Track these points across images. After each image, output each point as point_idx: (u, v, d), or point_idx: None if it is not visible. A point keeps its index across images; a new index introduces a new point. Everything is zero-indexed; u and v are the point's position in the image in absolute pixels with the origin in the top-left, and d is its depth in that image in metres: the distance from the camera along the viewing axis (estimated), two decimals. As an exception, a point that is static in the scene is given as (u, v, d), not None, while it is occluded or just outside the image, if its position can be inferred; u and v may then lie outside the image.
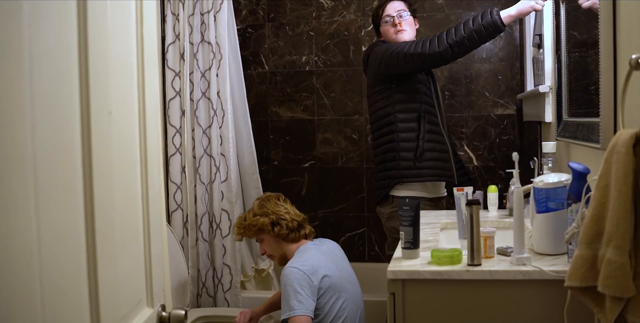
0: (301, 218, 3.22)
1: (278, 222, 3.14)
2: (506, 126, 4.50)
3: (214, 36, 3.98)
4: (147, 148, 1.50)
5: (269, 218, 3.14)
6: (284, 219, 3.14)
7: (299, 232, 3.16)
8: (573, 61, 2.63)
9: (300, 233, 3.17)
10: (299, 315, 2.80)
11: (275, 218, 3.14)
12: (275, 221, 3.14)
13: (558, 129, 2.79)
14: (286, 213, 3.18)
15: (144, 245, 1.49)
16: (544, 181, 2.08)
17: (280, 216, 3.15)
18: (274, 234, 3.15)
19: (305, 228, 3.21)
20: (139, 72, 1.47)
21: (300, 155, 4.79)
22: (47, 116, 0.97)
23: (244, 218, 3.24)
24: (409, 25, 3.47)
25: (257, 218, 3.16)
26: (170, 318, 1.56)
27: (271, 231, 3.15)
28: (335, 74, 4.66)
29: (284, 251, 3.19)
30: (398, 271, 2.02)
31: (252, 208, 3.25)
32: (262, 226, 3.15)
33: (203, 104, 4.01)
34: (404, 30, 3.44)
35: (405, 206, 2.19)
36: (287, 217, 3.15)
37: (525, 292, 1.96)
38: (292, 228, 3.15)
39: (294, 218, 3.17)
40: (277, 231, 3.14)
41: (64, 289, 1.04)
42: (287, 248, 3.17)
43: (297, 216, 3.20)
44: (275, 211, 3.16)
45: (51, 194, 0.98)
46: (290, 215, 3.18)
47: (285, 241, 3.16)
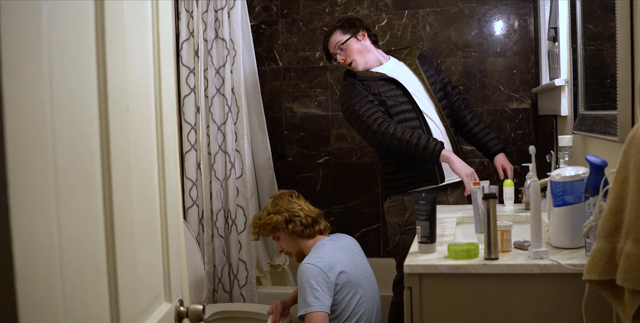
0: (315, 213, 3.21)
1: (292, 219, 3.14)
2: (521, 120, 4.48)
3: (228, 33, 3.99)
4: (164, 144, 1.51)
5: (282, 215, 3.14)
6: (298, 215, 3.14)
7: (313, 228, 3.16)
8: (589, 54, 2.61)
9: (315, 229, 3.17)
10: (315, 312, 2.80)
11: (289, 216, 3.14)
12: (288, 219, 3.14)
13: (574, 122, 2.78)
14: (300, 209, 3.18)
15: (162, 240, 1.50)
16: (561, 175, 2.08)
17: (294, 213, 3.15)
18: (288, 231, 3.15)
19: (320, 223, 3.21)
20: (155, 69, 1.48)
21: (315, 151, 4.79)
22: (66, 112, 0.98)
23: (258, 217, 3.25)
24: (354, 53, 3.46)
25: (271, 217, 3.16)
26: (188, 313, 1.57)
27: (285, 229, 3.15)
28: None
29: (301, 248, 3.19)
30: (415, 265, 2.02)
31: (266, 206, 3.26)
32: (276, 224, 3.15)
33: (218, 100, 4.02)
34: (352, 63, 3.47)
35: (421, 201, 2.19)
36: (301, 214, 3.15)
37: (542, 285, 1.96)
38: (306, 224, 3.15)
39: (307, 214, 3.17)
40: (291, 228, 3.14)
41: (84, 284, 1.04)
42: (303, 244, 3.18)
43: (311, 212, 3.20)
44: (289, 208, 3.17)
45: (71, 190, 0.99)
46: (304, 211, 3.18)
47: (301, 237, 3.17)
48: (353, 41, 3.46)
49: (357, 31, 3.47)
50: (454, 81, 4.50)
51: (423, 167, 3.31)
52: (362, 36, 3.48)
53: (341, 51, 3.47)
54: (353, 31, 3.47)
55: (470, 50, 4.52)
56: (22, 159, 0.82)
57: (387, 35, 4.62)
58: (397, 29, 4.60)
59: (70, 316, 0.97)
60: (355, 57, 3.45)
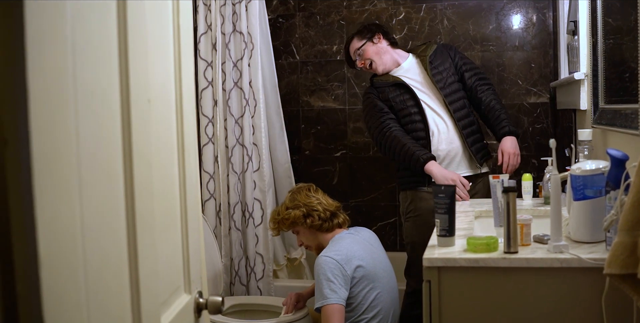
0: (334, 207, 3.22)
1: (310, 213, 3.14)
2: (539, 114, 4.46)
3: (246, 26, 3.99)
4: (184, 137, 1.51)
5: (300, 210, 3.15)
6: (316, 210, 3.15)
7: (332, 221, 3.17)
8: (609, 48, 2.60)
9: (334, 223, 3.17)
10: (332, 304, 2.81)
11: (307, 210, 3.15)
12: (307, 213, 3.15)
13: (594, 116, 2.77)
14: (318, 203, 3.18)
15: (182, 232, 1.50)
16: (581, 169, 2.06)
17: (312, 207, 3.16)
18: (307, 225, 3.16)
19: (338, 216, 3.22)
20: (176, 62, 1.48)
21: (332, 145, 4.79)
22: (89, 103, 0.98)
23: (277, 212, 3.26)
24: (373, 56, 3.57)
25: (289, 211, 3.17)
26: (207, 304, 1.58)
27: (304, 223, 3.16)
28: (367, 63, 4.63)
29: (320, 242, 3.20)
30: (434, 258, 2.02)
31: (284, 201, 3.28)
32: (294, 219, 3.16)
33: (235, 94, 4.02)
34: (372, 65, 3.59)
35: (440, 194, 2.18)
36: (319, 208, 3.16)
37: (562, 280, 1.95)
38: (324, 219, 3.16)
39: (326, 208, 3.18)
40: (310, 223, 3.15)
41: (107, 275, 1.05)
42: (322, 238, 3.18)
43: (330, 206, 3.20)
44: (307, 202, 3.17)
45: (94, 181, 0.99)
46: (322, 205, 3.18)
47: (320, 231, 3.17)
48: (369, 45, 3.57)
49: (373, 35, 3.58)
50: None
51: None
52: (378, 39, 3.59)
53: (359, 56, 3.59)
54: (369, 36, 3.58)
55: (488, 44, 4.50)
56: (47, 149, 0.83)
57: (405, 29, 4.60)
58: (414, 23, 4.59)
59: (93, 306, 0.97)
60: (373, 59, 3.56)
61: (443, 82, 3.47)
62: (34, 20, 0.79)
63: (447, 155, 3.42)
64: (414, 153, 3.32)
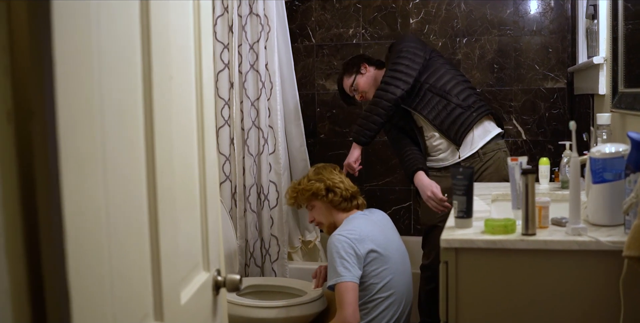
0: (355, 189, 3.25)
1: (333, 189, 3.16)
2: (556, 99, 4.43)
3: (262, 8, 3.98)
4: (204, 114, 1.52)
5: (324, 183, 3.17)
6: (339, 187, 3.17)
7: (351, 202, 3.19)
8: (629, 32, 2.58)
9: (353, 204, 3.20)
10: (345, 282, 2.82)
11: (331, 185, 3.17)
12: (330, 188, 3.17)
13: (613, 100, 2.75)
14: (340, 182, 3.21)
15: (201, 209, 1.51)
16: (600, 151, 2.05)
17: (335, 184, 3.19)
18: (327, 200, 3.17)
19: (358, 199, 3.25)
20: (196, 41, 1.49)
21: (347, 128, 4.78)
22: (113, 78, 0.99)
23: (298, 183, 3.28)
24: (364, 87, 3.65)
25: (312, 183, 3.19)
26: (225, 282, 1.59)
27: (325, 197, 3.17)
28: (383, 47, 4.61)
29: (334, 220, 3.20)
30: (451, 239, 2.02)
31: (307, 174, 3.30)
32: (316, 190, 3.17)
33: (251, 76, 4.02)
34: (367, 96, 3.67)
35: (459, 176, 2.18)
36: (342, 186, 3.19)
37: (580, 262, 1.95)
38: (345, 197, 3.19)
39: (347, 188, 3.20)
40: (330, 198, 3.16)
41: (129, 250, 1.06)
42: (337, 216, 3.19)
43: (351, 187, 3.24)
44: (331, 178, 3.21)
45: (117, 155, 1.00)
46: (344, 184, 3.21)
47: (337, 209, 3.18)
48: (359, 78, 3.65)
49: (359, 67, 3.66)
50: (488, 59, 4.47)
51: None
52: (365, 69, 3.66)
53: (355, 91, 3.68)
54: (355, 69, 3.67)
55: (505, 28, 4.47)
56: (72, 123, 0.83)
57: (422, 13, 4.58)
58: (431, 7, 4.56)
59: (116, 280, 0.98)
60: (366, 90, 3.66)
61: None
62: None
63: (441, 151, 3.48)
64: (406, 163, 3.48)
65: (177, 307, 1.27)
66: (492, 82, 4.50)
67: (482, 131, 3.44)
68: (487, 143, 3.42)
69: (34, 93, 0.76)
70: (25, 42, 0.75)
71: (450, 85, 3.42)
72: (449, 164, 3.43)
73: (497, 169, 3.40)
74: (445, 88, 3.41)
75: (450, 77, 3.45)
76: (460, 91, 3.42)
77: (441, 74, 3.44)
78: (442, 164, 3.46)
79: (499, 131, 3.49)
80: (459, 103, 3.39)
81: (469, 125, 3.38)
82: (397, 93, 3.34)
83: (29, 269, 0.77)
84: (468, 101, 3.41)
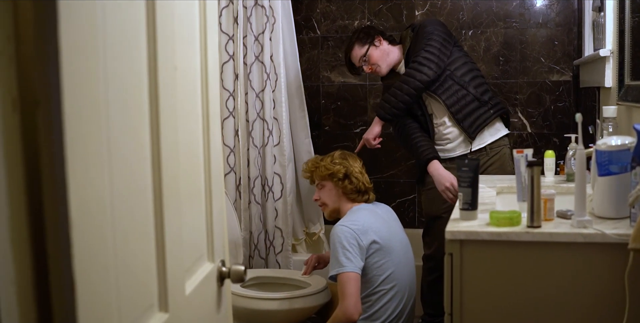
0: (370, 185, 3.25)
1: (350, 177, 3.16)
2: (561, 92, 4.42)
3: (268, 0, 3.97)
4: (209, 105, 1.51)
5: (346, 169, 3.17)
6: (357, 178, 3.18)
7: (362, 195, 3.20)
8: (636, 25, 2.57)
9: (362, 197, 3.20)
10: (348, 272, 2.82)
11: (351, 172, 3.18)
12: (349, 174, 3.16)
13: (619, 93, 2.74)
14: (360, 173, 3.21)
15: (206, 200, 1.51)
16: (607, 144, 2.05)
17: (355, 173, 3.18)
18: (341, 185, 3.17)
19: (369, 194, 3.25)
20: (202, 31, 1.48)
21: (352, 120, 4.78)
22: (117, 67, 0.99)
23: (320, 159, 3.29)
24: (376, 60, 3.55)
25: (335, 164, 3.19)
26: (230, 273, 1.59)
27: (340, 181, 3.17)
28: (388, 38, 4.60)
29: (339, 206, 3.21)
30: (456, 231, 2.01)
31: (332, 154, 3.29)
32: (335, 172, 3.17)
33: (256, 67, 4.01)
34: (377, 69, 3.57)
35: (464, 167, 2.17)
36: (360, 177, 3.19)
37: (585, 255, 1.94)
38: (359, 189, 3.19)
39: (364, 182, 3.21)
40: (345, 184, 3.16)
41: (134, 239, 1.06)
42: (343, 204, 3.19)
43: (368, 183, 3.23)
44: (354, 166, 3.21)
45: (122, 145, 1.00)
46: (363, 177, 3.21)
47: (346, 197, 3.18)
48: (373, 50, 3.55)
49: (373, 39, 3.56)
50: (494, 51, 4.45)
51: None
52: (379, 42, 3.57)
53: (365, 62, 3.57)
54: (370, 40, 3.56)
55: (511, 21, 4.46)
56: (77, 112, 0.83)
57: (427, 5, 4.57)
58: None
59: (121, 270, 0.98)
60: (379, 63, 3.56)
61: None
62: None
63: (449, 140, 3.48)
64: (419, 150, 3.43)
65: (182, 297, 1.27)
66: (498, 74, 4.49)
67: (493, 129, 3.47)
68: (495, 140, 3.45)
69: (40, 82, 0.76)
70: (30, 31, 0.74)
71: (469, 77, 3.42)
72: (455, 155, 3.43)
73: (502, 165, 3.43)
74: (465, 79, 3.41)
75: (468, 68, 3.45)
76: (479, 84, 3.44)
77: (461, 64, 3.44)
78: (448, 155, 3.45)
79: (507, 132, 3.53)
80: (477, 96, 3.40)
81: (485, 121, 3.40)
82: (430, 75, 3.31)
83: (34, 259, 0.77)
84: (485, 96, 3.42)
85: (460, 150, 3.44)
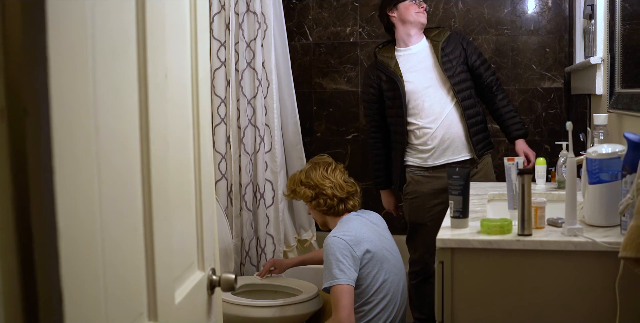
0: (345, 192, 3.14)
1: (318, 196, 3.11)
2: (553, 99, 4.43)
3: (259, 6, 3.97)
4: (200, 112, 1.51)
5: (310, 191, 3.12)
6: (325, 194, 3.09)
7: (338, 207, 3.12)
8: (626, 33, 2.58)
9: (340, 208, 3.12)
10: (341, 284, 2.80)
11: (317, 192, 3.11)
12: (315, 195, 3.11)
13: (610, 101, 2.75)
14: (330, 187, 3.11)
15: (196, 208, 1.50)
16: (597, 152, 2.05)
17: (322, 190, 3.10)
18: (315, 205, 3.14)
19: (348, 202, 3.15)
20: (192, 39, 1.48)
21: (344, 127, 4.78)
22: (107, 75, 0.98)
23: (293, 181, 3.24)
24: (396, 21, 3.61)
25: (302, 188, 3.16)
26: (220, 282, 1.58)
27: (312, 202, 3.15)
28: (380, 45, 4.61)
29: (327, 220, 3.20)
30: (447, 239, 2.01)
31: (302, 170, 3.25)
32: (303, 196, 3.16)
33: (248, 74, 4.01)
34: (424, 13, 3.60)
35: (455, 175, 2.17)
36: (329, 192, 3.09)
37: (576, 263, 1.95)
38: (330, 205, 3.11)
39: (335, 193, 3.10)
40: (314, 205, 3.13)
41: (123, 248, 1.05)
42: (329, 218, 3.17)
43: (341, 191, 3.13)
44: (320, 184, 3.11)
45: (111, 153, 1.00)
46: (333, 189, 3.10)
47: (326, 214, 3.16)
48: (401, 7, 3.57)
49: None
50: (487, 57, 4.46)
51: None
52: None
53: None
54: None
55: (502, 28, 4.47)
56: (66, 120, 0.83)
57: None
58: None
59: (110, 279, 0.98)
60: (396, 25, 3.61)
61: (452, 71, 3.50)
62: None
63: (445, 140, 3.50)
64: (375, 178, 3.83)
65: (171, 306, 1.26)
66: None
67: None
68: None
69: (28, 91, 0.75)
70: (19, 40, 0.74)
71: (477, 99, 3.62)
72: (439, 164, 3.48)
73: (485, 174, 3.56)
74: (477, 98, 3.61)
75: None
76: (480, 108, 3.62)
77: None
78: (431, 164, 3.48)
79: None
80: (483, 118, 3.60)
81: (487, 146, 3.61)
82: None
83: (21, 268, 0.76)
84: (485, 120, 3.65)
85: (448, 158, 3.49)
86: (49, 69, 0.77)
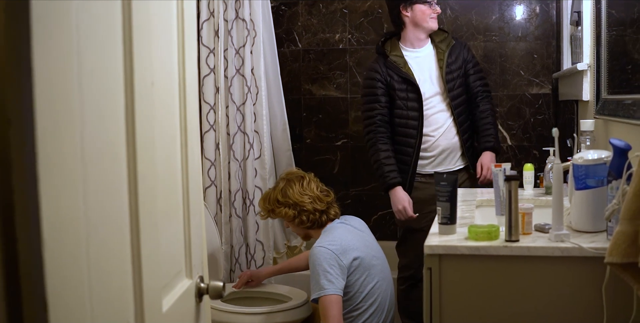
0: (325, 204, 3.14)
1: (300, 214, 3.10)
2: (541, 105, 4.45)
3: (249, 13, 3.98)
4: (187, 120, 1.51)
5: (291, 210, 3.11)
6: (306, 210, 3.09)
7: (321, 219, 3.12)
8: (612, 39, 2.59)
9: (323, 219, 3.13)
10: (329, 295, 2.80)
11: (298, 210, 3.11)
12: (297, 214, 3.11)
13: (596, 107, 2.76)
14: (310, 202, 3.10)
15: (184, 216, 1.50)
16: (583, 158, 2.06)
17: (303, 207, 3.09)
18: (298, 222, 3.13)
19: (329, 212, 3.15)
20: (180, 46, 1.48)
21: (333, 133, 4.78)
22: (93, 84, 0.98)
23: (268, 200, 3.21)
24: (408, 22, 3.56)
25: (281, 208, 3.13)
26: (208, 289, 1.58)
27: (292, 222, 3.15)
28: (369, 52, 4.62)
29: (309, 233, 3.20)
30: (435, 246, 2.02)
31: (276, 188, 3.20)
32: (285, 216, 3.14)
33: (237, 81, 4.02)
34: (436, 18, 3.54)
35: (442, 182, 2.18)
36: (309, 208, 3.09)
37: (563, 268, 1.95)
38: (313, 220, 3.12)
39: (316, 207, 3.10)
40: (297, 222, 3.13)
41: (109, 256, 1.05)
42: (312, 230, 3.17)
43: (321, 204, 3.12)
44: (299, 201, 3.10)
45: (97, 162, 0.99)
46: (313, 204, 3.10)
47: (310, 229, 3.16)
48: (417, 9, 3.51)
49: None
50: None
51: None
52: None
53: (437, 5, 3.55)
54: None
55: (491, 34, 4.49)
56: (51, 130, 0.82)
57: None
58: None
59: (96, 287, 0.97)
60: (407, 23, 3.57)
61: (453, 83, 3.50)
62: (39, 1, 0.79)
63: (445, 150, 3.51)
64: (384, 174, 3.51)
65: (159, 315, 1.26)
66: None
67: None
68: None
69: (12, 101, 0.75)
70: (2, 49, 0.74)
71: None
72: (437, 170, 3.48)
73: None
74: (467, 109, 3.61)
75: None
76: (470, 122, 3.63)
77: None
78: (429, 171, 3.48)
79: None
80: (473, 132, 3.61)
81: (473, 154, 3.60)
82: None
83: (5, 278, 0.76)
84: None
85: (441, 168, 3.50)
86: (34, 78, 0.77)
